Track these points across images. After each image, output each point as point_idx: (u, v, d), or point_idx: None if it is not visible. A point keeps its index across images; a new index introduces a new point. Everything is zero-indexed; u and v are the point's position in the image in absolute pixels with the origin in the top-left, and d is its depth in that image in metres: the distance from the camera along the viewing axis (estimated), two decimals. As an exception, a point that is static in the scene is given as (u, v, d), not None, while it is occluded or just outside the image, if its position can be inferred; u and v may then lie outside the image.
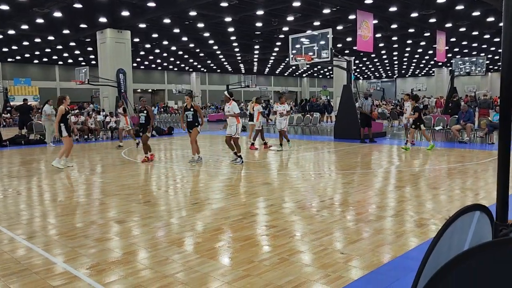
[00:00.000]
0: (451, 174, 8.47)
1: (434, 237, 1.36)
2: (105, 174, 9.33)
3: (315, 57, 15.16)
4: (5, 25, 23.20)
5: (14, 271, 3.75)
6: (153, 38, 28.53)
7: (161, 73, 53.43)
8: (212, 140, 17.60)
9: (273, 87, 63.04)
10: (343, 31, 26.37)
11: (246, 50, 36.11)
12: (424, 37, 29.94)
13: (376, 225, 4.97)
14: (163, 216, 5.66)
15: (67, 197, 7.03)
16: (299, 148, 13.63)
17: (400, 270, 3.63)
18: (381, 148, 13.40)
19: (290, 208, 5.93)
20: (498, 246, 1.14)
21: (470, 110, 14.64)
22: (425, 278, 1.28)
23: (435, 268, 1.26)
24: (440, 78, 50.35)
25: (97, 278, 3.57)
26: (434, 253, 1.32)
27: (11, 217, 5.70)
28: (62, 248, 4.39)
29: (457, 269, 1.18)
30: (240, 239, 4.54)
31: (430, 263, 1.30)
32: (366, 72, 63.00)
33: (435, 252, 1.33)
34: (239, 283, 3.40)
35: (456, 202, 6.16)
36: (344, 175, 8.53)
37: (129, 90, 23.54)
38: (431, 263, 1.30)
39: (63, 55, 37.85)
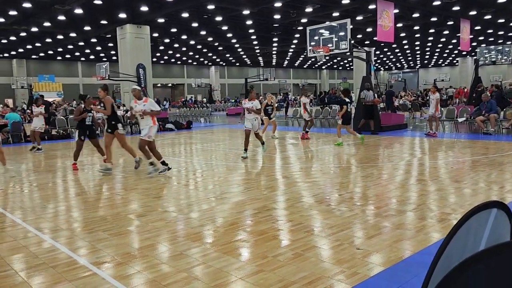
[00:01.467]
0: (475, 166, 8.22)
1: (447, 235, 1.28)
2: (125, 168, 9.44)
3: (334, 49, 14.93)
4: (28, 23, 23.68)
5: (32, 265, 3.82)
6: (172, 32, 28.65)
7: (180, 67, 53.72)
8: (232, 133, 17.61)
9: (292, 79, 62.63)
10: (363, 22, 25.88)
11: (264, 43, 35.91)
12: (448, 25, 29.11)
13: (395, 220, 4.86)
14: (180, 210, 5.68)
15: (86, 192, 7.13)
16: (318, 141, 13.49)
17: (419, 266, 3.53)
18: (402, 140, 13.14)
19: (307, 202, 5.86)
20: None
21: (492, 100, 14.18)
22: (436, 278, 1.21)
23: (447, 268, 1.19)
24: (464, 68, 49.02)
25: (113, 272, 3.60)
26: (446, 252, 1.25)
27: (34, 211, 5.81)
28: (81, 242, 4.45)
29: (471, 270, 1.10)
30: (255, 234, 4.50)
31: (442, 262, 1.23)
32: (387, 63, 61.82)
33: (447, 251, 1.25)
34: (252, 278, 3.37)
35: (480, 196, 5.97)
36: (363, 168, 8.39)
37: (149, 85, 23.74)
38: (442, 263, 1.23)
39: (85, 51, 38.45)
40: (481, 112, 13.81)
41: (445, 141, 12.49)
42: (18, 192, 7.27)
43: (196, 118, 27.58)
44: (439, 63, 62.00)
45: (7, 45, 33.07)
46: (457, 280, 1.13)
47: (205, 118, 27.64)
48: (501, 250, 1.12)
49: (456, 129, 15.15)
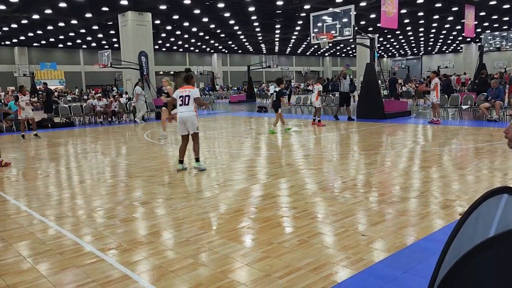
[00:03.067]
0: (479, 153, 8.21)
1: (458, 221, 1.29)
2: (128, 156, 9.47)
3: (338, 35, 14.81)
4: (30, 10, 23.54)
5: (39, 252, 3.86)
6: (174, 19, 28.44)
7: (182, 55, 53.45)
8: (234, 121, 17.59)
9: (294, 67, 62.27)
10: (367, 8, 25.60)
11: (267, 30, 35.62)
12: (452, 11, 28.77)
13: (399, 207, 4.87)
14: (185, 197, 5.71)
15: (92, 179, 7.17)
16: (321, 129, 13.47)
17: (424, 253, 3.55)
18: (405, 127, 13.11)
19: (311, 189, 5.87)
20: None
21: (500, 87, 14.10)
22: (447, 264, 1.22)
23: (457, 254, 1.19)
24: (469, 55, 48.56)
25: (120, 259, 3.64)
26: (457, 238, 1.25)
27: (39, 199, 5.86)
28: (87, 229, 4.49)
29: (481, 257, 1.11)
30: (260, 221, 4.53)
31: (453, 249, 1.23)
32: (390, 50, 61.31)
33: (458, 238, 1.26)
34: (258, 264, 3.40)
35: (484, 183, 5.98)
36: (367, 156, 8.39)
37: (151, 73, 23.64)
38: (453, 249, 1.23)
39: (86, 39, 38.27)
40: (488, 98, 13.74)
41: (449, 128, 12.45)
42: (22, 180, 7.31)
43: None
44: (443, 49, 61.46)
45: (8, 33, 32.94)
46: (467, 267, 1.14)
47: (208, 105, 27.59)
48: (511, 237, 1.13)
49: (460, 116, 15.09)
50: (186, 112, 7.20)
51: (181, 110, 7.24)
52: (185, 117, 7.19)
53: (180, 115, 7.23)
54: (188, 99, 7.23)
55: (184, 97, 7.26)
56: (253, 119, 17.97)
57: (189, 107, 7.22)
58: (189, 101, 7.22)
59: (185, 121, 7.20)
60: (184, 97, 7.25)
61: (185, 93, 7.28)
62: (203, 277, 3.22)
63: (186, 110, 7.21)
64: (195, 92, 7.33)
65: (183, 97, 7.26)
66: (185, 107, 7.22)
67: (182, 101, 7.25)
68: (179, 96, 7.29)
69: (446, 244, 1.22)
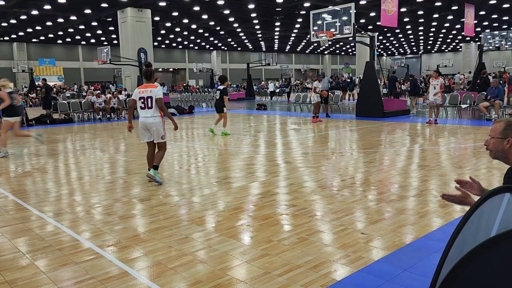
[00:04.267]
0: (478, 152, 8.22)
1: (461, 219, 1.29)
2: (127, 153, 9.45)
3: (337, 33, 14.80)
4: (28, 6, 23.45)
5: (38, 248, 3.86)
6: (173, 16, 28.37)
7: (182, 52, 53.36)
8: (233, 118, 17.57)
9: (294, 65, 62.23)
10: (367, 6, 25.58)
11: (266, 28, 35.55)
12: (452, 10, 28.76)
13: (398, 205, 4.88)
14: (184, 194, 5.70)
15: (91, 176, 7.15)
16: (319, 127, 13.47)
17: (423, 251, 3.55)
18: (404, 126, 13.11)
19: (310, 187, 5.87)
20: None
21: (500, 86, 14.11)
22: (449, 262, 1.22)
23: (460, 253, 1.19)
24: (468, 54, 48.63)
25: (119, 255, 3.63)
26: (460, 237, 1.25)
27: (38, 195, 5.84)
28: (86, 226, 4.48)
29: (485, 256, 1.11)
30: (260, 218, 4.53)
31: (456, 247, 1.23)
32: (390, 48, 61.32)
33: (461, 236, 1.26)
34: (257, 262, 3.40)
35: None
36: (366, 154, 8.39)
37: (150, 69, 23.60)
38: (456, 248, 1.23)
39: (85, 35, 38.16)
40: (487, 97, 13.75)
41: (448, 127, 12.46)
42: (21, 176, 7.29)
43: (198, 103, 27.51)
44: (442, 48, 61.49)
45: (7, 29, 32.82)
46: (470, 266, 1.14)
47: (207, 103, 27.57)
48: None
49: (459, 115, 15.10)
50: (150, 117, 6.13)
51: (143, 114, 6.17)
52: (149, 124, 6.16)
53: (143, 121, 6.19)
54: (151, 101, 6.12)
55: (145, 99, 6.12)
56: (252, 117, 17.95)
57: (153, 111, 6.14)
58: (152, 104, 6.12)
59: (149, 128, 6.20)
60: (146, 98, 6.12)
61: (146, 94, 6.12)
62: (202, 274, 3.22)
63: (149, 115, 6.14)
64: (157, 92, 6.14)
65: (144, 99, 6.13)
66: (148, 111, 6.13)
67: (144, 103, 6.15)
68: (138, 98, 6.16)
69: (449, 241, 1.22)
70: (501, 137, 2.27)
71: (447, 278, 1.15)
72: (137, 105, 6.22)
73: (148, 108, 6.14)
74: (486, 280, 1.11)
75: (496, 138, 2.29)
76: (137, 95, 6.23)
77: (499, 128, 2.29)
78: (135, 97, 6.27)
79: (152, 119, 6.14)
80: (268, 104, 25.04)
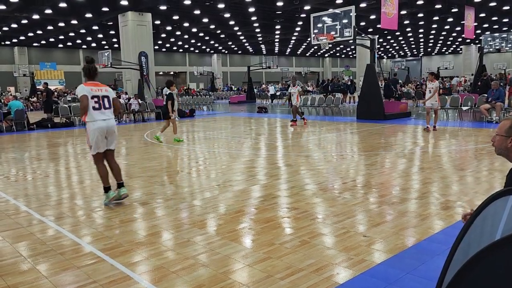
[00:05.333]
0: (479, 155, 8.21)
1: (466, 222, 1.28)
2: (128, 156, 9.45)
3: (338, 36, 14.82)
4: (30, 10, 23.51)
5: (40, 252, 3.85)
6: (174, 20, 28.43)
7: (182, 55, 53.43)
8: (234, 121, 17.58)
9: (294, 68, 62.26)
10: (367, 9, 25.61)
11: (267, 31, 35.62)
12: (452, 13, 28.80)
13: (400, 208, 4.86)
14: (185, 198, 5.69)
15: (92, 179, 7.15)
16: (321, 129, 13.47)
17: (426, 254, 3.54)
18: (405, 128, 13.11)
19: (311, 190, 5.86)
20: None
21: (501, 88, 14.11)
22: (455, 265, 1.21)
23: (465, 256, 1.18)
24: (468, 56, 48.65)
25: (121, 259, 3.62)
26: (464, 240, 1.25)
27: (39, 199, 5.84)
28: (87, 229, 4.47)
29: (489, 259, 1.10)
30: (261, 221, 4.52)
31: (461, 250, 1.22)
32: (390, 51, 61.36)
33: (466, 239, 1.25)
34: (260, 265, 3.39)
35: (484, 184, 5.97)
36: (367, 157, 8.38)
37: (151, 73, 23.65)
38: (461, 251, 1.22)
39: (86, 39, 38.23)
40: (488, 99, 13.74)
41: (449, 129, 12.45)
42: (22, 180, 7.29)
43: (199, 106, 27.54)
44: (442, 51, 61.53)
45: (8, 33, 32.91)
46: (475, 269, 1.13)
47: (208, 106, 27.60)
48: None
49: (460, 118, 15.10)
50: (111, 119, 5.31)
51: (101, 117, 5.18)
52: (111, 127, 5.28)
53: (103, 125, 5.20)
54: (108, 102, 5.30)
55: (100, 98, 5.21)
56: (253, 120, 17.96)
57: (111, 113, 5.34)
58: (110, 104, 5.32)
59: (110, 133, 5.29)
60: (101, 98, 5.21)
61: (102, 93, 5.25)
62: (204, 278, 3.21)
63: (109, 117, 5.28)
64: (113, 92, 5.49)
65: (99, 98, 5.20)
66: (105, 112, 5.25)
67: (99, 103, 5.19)
68: (91, 96, 5.14)
69: (454, 244, 1.22)
70: (505, 135, 2.30)
71: (452, 282, 1.15)
72: (89, 105, 5.14)
73: (105, 109, 5.24)
74: (491, 283, 1.10)
75: (501, 135, 2.33)
76: (90, 93, 5.13)
77: (505, 126, 2.32)
78: (88, 95, 5.13)
79: (113, 121, 5.36)
80: (269, 107, 25.05)
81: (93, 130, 5.18)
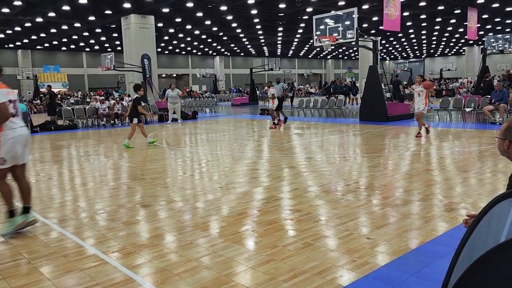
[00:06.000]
0: (483, 156, 8.17)
1: (470, 224, 1.27)
2: (131, 159, 9.47)
3: (340, 38, 14.82)
4: (33, 13, 23.63)
5: (43, 254, 3.85)
6: (176, 22, 28.51)
7: (185, 57, 53.55)
8: (237, 123, 17.58)
9: (297, 69, 62.29)
10: (369, 10, 25.62)
11: (269, 33, 35.65)
12: (455, 14, 28.75)
13: (404, 210, 4.85)
14: (188, 200, 5.69)
15: (95, 182, 7.16)
16: (324, 131, 13.45)
17: (429, 256, 3.52)
18: (408, 130, 13.07)
19: (314, 192, 5.85)
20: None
21: (504, 89, 14.06)
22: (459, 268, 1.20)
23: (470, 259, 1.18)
24: (471, 57, 48.52)
25: (124, 262, 3.62)
26: (469, 242, 1.24)
27: (42, 201, 5.85)
28: (90, 232, 4.48)
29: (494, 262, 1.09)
30: (264, 224, 4.51)
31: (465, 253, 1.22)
32: (392, 53, 61.30)
33: (471, 242, 1.24)
34: (263, 267, 3.38)
35: (488, 186, 5.95)
36: (370, 158, 8.36)
37: (154, 75, 23.71)
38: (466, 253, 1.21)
39: (89, 41, 38.38)
40: (491, 100, 13.69)
41: (452, 130, 12.41)
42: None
43: (202, 108, 27.56)
44: (445, 52, 61.42)
45: (12, 36, 33.04)
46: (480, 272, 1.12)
47: (211, 108, 27.63)
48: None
49: (463, 119, 15.05)
50: (25, 128, 4.53)
51: (20, 124, 4.42)
52: (27, 136, 4.50)
53: (24, 132, 4.45)
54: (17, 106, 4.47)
55: (14, 102, 4.38)
56: (255, 122, 17.96)
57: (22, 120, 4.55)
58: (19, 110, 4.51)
59: (28, 143, 4.53)
60: (14, 102, 4.38)
61: (14, 96, 4.43)
62: (207, 280, 3.20)
63: (24, 124, 4.54)
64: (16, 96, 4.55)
65: (14, 102, 4.38)
66: (19, 119, 4.43)
67: (15, 108, 4.40)
68: (8, 100, 4.24)
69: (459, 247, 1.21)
70: (501, 137, 2.31)
71: (457, 285, 1.14)
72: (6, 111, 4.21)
73: (18, 116, 4.41)
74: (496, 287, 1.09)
75: (498, 138, 2.33)
76: (6, 97, 4.22)
77: (502, 128, 2.33)
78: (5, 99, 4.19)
79: (27, 130, 4.58)
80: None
81: (13, 139, 4.27)
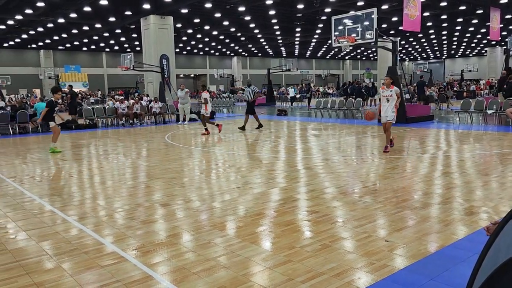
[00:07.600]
0: (505, 159, 8.00)
1: (495, 229, 1.25)
2: (150, 158, 9.58)
3: (359, 39, 14.70)
4: (55, 14, 24.14)
5: (65, 251, 3.93)
6: (195, 23, 28.73)
7: (202, 58, 53.91)
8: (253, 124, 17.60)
9: (314, 70, 62.03)
10: (389, 11, 25.35)
11: (287, 33, 35.61)
12: (476, 14, 28.22)
13: (423, 213, 4.78)
14: (206, 199, 5.73)
15: (113, 180, 7.27)
16: (341, 132, 13.36)
17: (449, 260, 3.47)
18: (428, 132, 12.88)
19: (332, 193, 5.82)
20: None
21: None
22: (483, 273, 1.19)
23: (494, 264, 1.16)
24: (493, 58, 47.49)
25: (143, 259, 3.67)
26: (494, 246, 1.22)
27: (63, 198, 5.97)
28: (110, 229, 4.55)
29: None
30: (282, 224, 4.51)
31: (489, 258, 1.20)
32: (412, 53, 60.47)
33: (495, 247, 1.22)
34: (280, 268, 3.39)
35: (510, 190, 5.82)
36: (389, 160, 8.28)
37: (172, 76, 23.92)
38: (490, 259, 1.20)
39: (109, 42, 39.00)
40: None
41: (473, 133, 12.18)
42: (46, 180, 7.47)
43: (219, 108, 27.69)
44: (466, 53, 60.29)
45: (35, 36, 33.83)
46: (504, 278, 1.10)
47: (228, 108, 27.75)
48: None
49: (485, 121, 14.76)
50: None
51: None
52: None
53: None
54: None
55: None
56: (272, 122, 17.96)
57: None
58: None
59: None
60: None
61: None
62: (225, 280, 3.22)
63: None
64: None
65: None
66: None
67: None
68: None
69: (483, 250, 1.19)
70: None
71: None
72: None
73: None
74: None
75: None
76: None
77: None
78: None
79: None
80: (289, 110, 25.01)
81: None
